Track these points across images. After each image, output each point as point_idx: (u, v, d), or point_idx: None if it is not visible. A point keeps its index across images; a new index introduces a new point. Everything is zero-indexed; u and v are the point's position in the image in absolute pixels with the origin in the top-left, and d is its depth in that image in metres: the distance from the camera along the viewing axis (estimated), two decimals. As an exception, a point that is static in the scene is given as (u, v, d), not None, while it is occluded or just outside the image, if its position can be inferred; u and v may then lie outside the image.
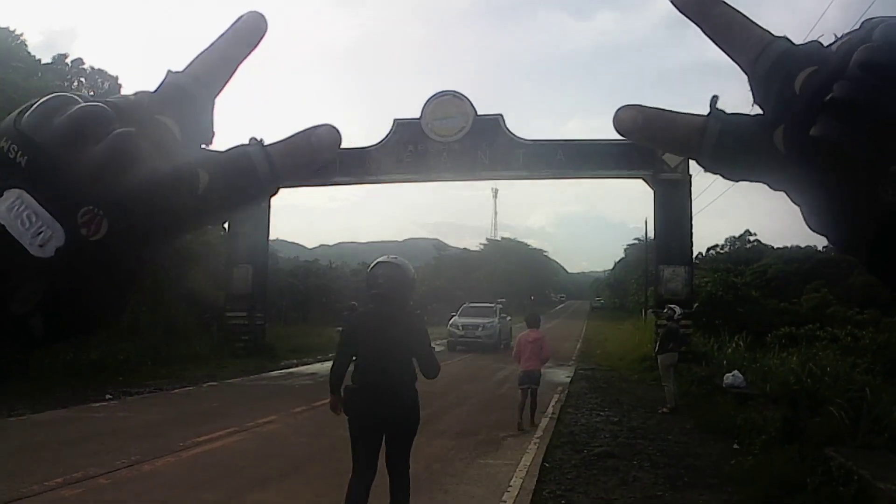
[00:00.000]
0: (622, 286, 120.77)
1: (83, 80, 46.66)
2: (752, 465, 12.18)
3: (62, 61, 46.59)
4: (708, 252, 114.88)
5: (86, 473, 11.27)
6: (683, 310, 21.66)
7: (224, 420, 16.93)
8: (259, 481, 11.55)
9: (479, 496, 10.75)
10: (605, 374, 30.47)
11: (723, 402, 18.98)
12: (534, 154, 34.03)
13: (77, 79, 46.46)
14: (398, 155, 35.16)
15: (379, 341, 8.04)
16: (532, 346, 18.35)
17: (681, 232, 32.10)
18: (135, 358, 26.27)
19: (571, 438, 15.82)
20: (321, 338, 46.47)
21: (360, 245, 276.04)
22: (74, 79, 46.28)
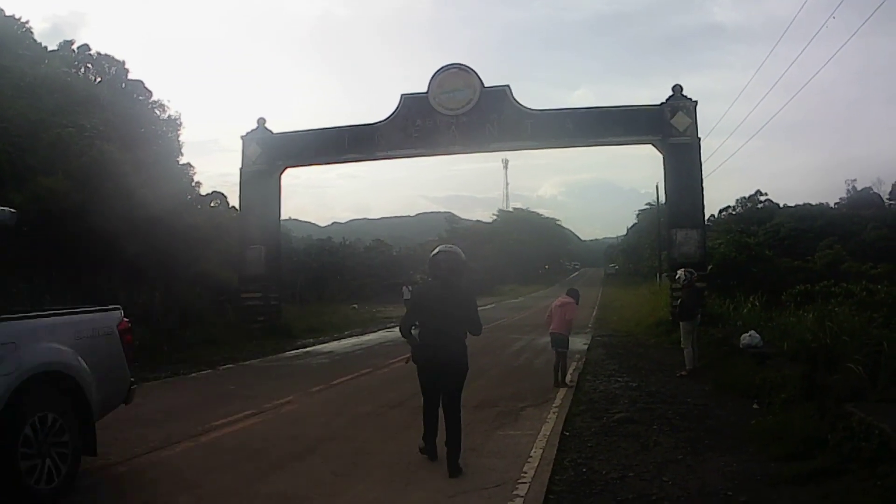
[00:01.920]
0: (636, 252, 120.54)
1: (90, 66, 46.66)
2: (773, 423, 12.13)
3: (68, 48, 46.61)
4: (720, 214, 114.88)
5: (105, 461, 11.23)
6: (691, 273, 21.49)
7: (242, 402, 16.92)
8: (278, 463, 11.53)
9: (499, 468, 10.70)
10: (621, 340, 30.55)
11: (740, 362, 18.96)
12: (542, 124, 34.01)
13: (84, 65, 46.46)
14: (406, 130, 35.19)
15: (437, 310, 11.02)
16: (560, 310, 19.19)
17: (692, 195, 32.11)
18: (150, 343, 26.07)
19: (591, 406, 15.81)
20: (337, 316, 46.60)
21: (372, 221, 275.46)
22: (81, 65, 46.30)
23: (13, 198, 25.27)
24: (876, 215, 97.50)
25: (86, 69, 46.27)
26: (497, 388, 17.82)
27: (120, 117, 36.50)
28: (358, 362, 25.46)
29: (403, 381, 20.26)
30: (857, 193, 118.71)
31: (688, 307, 20.76)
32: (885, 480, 8.33)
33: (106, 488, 10.00)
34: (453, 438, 10.82)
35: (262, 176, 36.74)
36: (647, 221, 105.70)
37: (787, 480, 9.47)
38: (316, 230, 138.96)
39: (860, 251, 77.21)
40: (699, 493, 9.24)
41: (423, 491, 9.74)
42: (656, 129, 32.51)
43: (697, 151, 32.37)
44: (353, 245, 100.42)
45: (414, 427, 13.62)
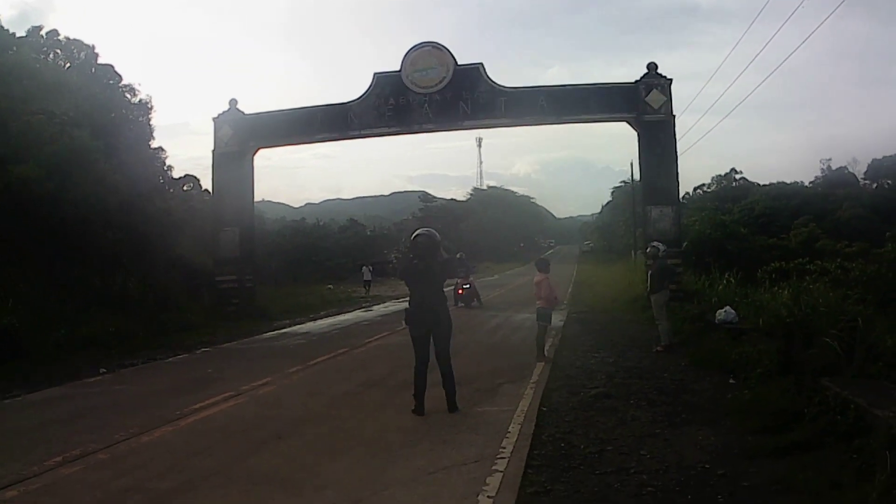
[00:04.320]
0: (611, 229, 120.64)
1: (59, 52, 46.29)
2: (749, 398, 12.22)
3: (37, 34, 46.15)
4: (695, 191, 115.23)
5: (84, 450, 11.22)
6: (669, 248, 21.69)
7: (220, 385, 16.96)
8: (258, 444, 11.55)
9: (478, 444, 10.75)
10: (598, 317, 30.66)
11: (716, 338, 19.07)
12: (516, 101, 34.01)
13: (53, 51, 46.09)
14: (379, 109, 35.14)
15: (421, 283, 13.39)
16: (537, 287, 19.45)
17: (666, 172, 32.25)
18: (127, 330, 26.11)
19: (568, 381, 15.85)
20: (312, 297, 46.69)
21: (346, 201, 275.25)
22: (50, 51, 45.91)
23: None
24: (851, 194, 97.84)
25: (55, 55, 45.85)
26: (474, 366, 17.84)
27: (90, 102, 36.24)
28: (334, 342, 25.50)
29: (380, 360, 20.40)
30: (832, 172, 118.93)
31: (656, 280, 20.85)
32: (861, 454, 8.40)
33: (86, 476, 9.99)
34: (449, 383, 13.26)
35: (234, 158, 36.63)
36: (622, 199, 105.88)
37: (764, 453, 9.54)
38: (290, 211, 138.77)
39: (835, 230, 77.47)
40: (677, 467, 9.31)
41: (404, 468, 9.77)
42: (631, 107, 32.59)
43: (672, 129, 32.53)
44: (327, 226, 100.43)
45: (392, 406, 13.83)
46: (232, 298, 35.76)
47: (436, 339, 13.33)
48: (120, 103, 42.95)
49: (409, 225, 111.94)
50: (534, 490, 8.71)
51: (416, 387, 13.19)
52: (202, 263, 38.99)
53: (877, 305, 19.10)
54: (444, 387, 13.22)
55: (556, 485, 8.88)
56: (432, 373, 13.28)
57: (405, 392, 13.72)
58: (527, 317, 26.72)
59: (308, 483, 9.30)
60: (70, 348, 22.79)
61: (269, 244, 66.05)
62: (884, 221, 73.48)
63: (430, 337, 13.35)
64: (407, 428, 12.29)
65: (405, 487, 8.98)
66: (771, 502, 7.92)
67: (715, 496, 8.19)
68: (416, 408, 13.08)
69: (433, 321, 13.30)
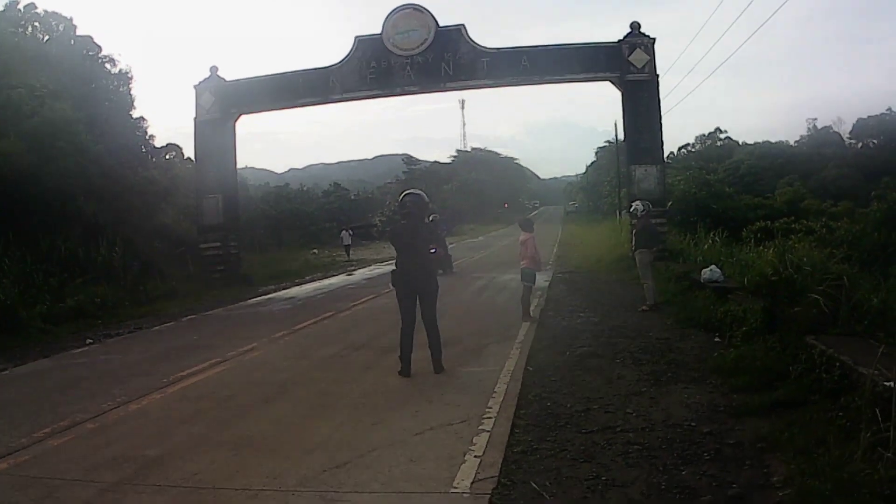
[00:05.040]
0: (595, 189, 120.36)
1: (38, 25, 45.88)
2: (735, 356, 12.19)
3: (14, 8, 45.66)
4: (679, 151, 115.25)
5: (73, 420, 11.25)
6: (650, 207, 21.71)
7: (206, 352, 16.95)
8: (245, 409, 11.62)
9: (464, 404, 10.77)
10: (583, 277, 30.68)
11: (702, 296, 19.07)
12: (498, 62, 34.07)
13: (31, 24, 45.68)
14: (361, 72, 35.17)
15: (409, 244, 13.42)
16: (521, 247, 19.66)
17: (650, 132, 32.39)
18: (112, 300, 26.25)
19: (553, 341, 15.90)
20: (297, 262, 46.78)
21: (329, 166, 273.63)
22: (28, 24, 45.51)
23: None
24: (836, 154, 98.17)
25: (33, 28, 45.39)
26: (460, 326, 17.85)
27: (70, 75, 36.14)
28: (320, 306, 25.53)
29: (366, 323, 20.43)
30: (818, 132, 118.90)
31: (641, 239, 20.85)
32: (846, 411, 8.41)
33: (76, 445, 10.00)
34: (435, 345, 13.33)
35: (216, 125, 36.52)
36: (606, 159, 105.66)
37: (750, 411, 9.56)
38: (273, 177, 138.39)
39: (820, 189, 77.69)
40: (663, 425, 9.33)
41: (390, 430, 9.81)
42: (614, 67, 32.59)
43: (656, 88, 32.58)
44: (310, 191, 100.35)
45: (378, 368, 13.87)
46: (216, 265, 35.83)
47: (422, 302, 13.33)
48: (100, 74, 42.73)
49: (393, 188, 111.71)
50: (521, 449, 8.73)
51: (402, 349, 13.22)
52: (186, 231, 39.07)
53: (862, 264, 19.15)
54: (431, 348, 13.26)
55: (542, 444, 8.90)
56: (418, 335, 13.32)
57: (391, 354, 13.80)
58: (511, 277, 26.77)
59: (295, 446, 9.34)
60: (56, 320, 22.83)
61: (253, 210, 65.96)
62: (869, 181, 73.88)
63: (417, 299, 13.36)
64: (393, 390, 12.33)
65: (392, 448, 9.01)
66: (756, 460, 7.94)
67: (701, 454, 8.21)
68: (402, 369, 13.13)
69: (421, 283, 13.34)
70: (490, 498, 7.30)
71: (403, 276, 13.42)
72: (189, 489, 8.06)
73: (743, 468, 7.73)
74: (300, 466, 8.55)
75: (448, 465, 8.27)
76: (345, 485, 7.88)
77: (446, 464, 8.33)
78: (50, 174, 26.94)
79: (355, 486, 7.81)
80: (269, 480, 8.14)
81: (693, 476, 7.57)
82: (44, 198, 27.00)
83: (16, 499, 8.11)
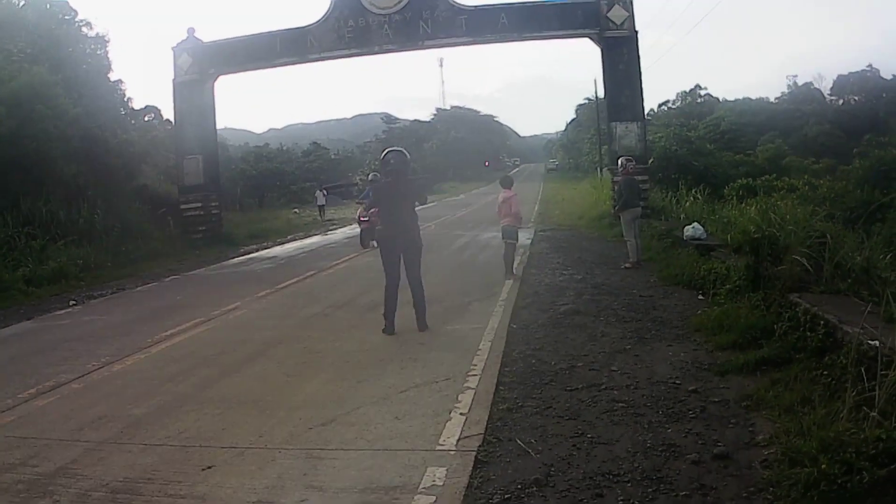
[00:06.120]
0: (576, 147, 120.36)
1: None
2: (719, 314, 12.18)
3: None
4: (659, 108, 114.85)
5: (58, 381, 11.29)
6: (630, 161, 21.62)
7: (189, 312, 16.97)
8: (230, 368, 11.67)
9: (448, 362, 10.81)
10: (565, 234, 30.72)
11: (685, 254, 19.11)
12: (477, 20, 33.84)
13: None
14: (339, 31, 34.85)
15: (393, 202, 13.51)
16: (503, 205, 19.59)
17: (631, 88, 32.37)
18: (94, 261, 26.23)
19: (537, 299, 15.92)
20: (278, 221, 46.85)
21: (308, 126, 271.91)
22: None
23: None
24: (817, 110, 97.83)
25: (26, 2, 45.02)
26: (443, 284, 17.88)
27: (47, 39, 35.73)
28: (302, 265, 25.60)
29: (348, 281, 20.47)
30: (798, 89, 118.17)
31: (626, 196, 20.77)
32: (831, 370, 8.42)
33: (61, 406, 10.03)
34: (419, 302, 13.41)
35: (194, 86, 36.35)
36: (586, 116, 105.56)
37: (735, 370, 9.58)
38: (253, 138, 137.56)
39: (802, 146, 77.49)
40: (648, 382, 9.35)
41: (375, 387, 9.86)
42: (593, 23, 32.41)
43: (635, 45, 32.49)
44: (290, 150, 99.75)
45: (361, 326, 13.92)
46: (198, 225, 35.80)
47: (407, 260, 13.42)
48: (77, 38, 42.28)
49: (372, 147, 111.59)
50: (506, 406, 8.76)
51: (386, 307, 13.29)
52: (167, 192, 39.03)
53: (845, 222, 19.15)
54: (415, 307, 13.36)
55: (527, 401, 8.93)
56: (402, 293, 13.35)
57: (375, 312, 13.88)
58: (493, 235, 26.72)
59: (281, 404, 9.40)
60: (39, 282, 22.86)
61: (234, 171, 65.79)
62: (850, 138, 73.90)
63: (401, 257, 13.42)
64: (377, 347, 12.38)
65: (377, 406, 9.07)
66: (742, 418, 7.97)
67: (686, 412, 8.23)
68: (386, 327, 13.20)
69: (405, 242, 13.39)
70: (476, 455, 7.32)
71: (388, 234, 13.51)
72: (175, 447, 8.09)
73: (728, 426, 7.76)
74: (286, 424, 8.59)
75: (434, 423, 8.30)
76: (331, 442, 7.94)
77: (432, 421, 8.36)
78: (29, 137, 26.82)
79: (341, 444, 7.86)
80: (256, 438, 8.17)
81: (678, 434, 7.60)
82: (23, 161, 26.92)
83: (1, 459, 8.11)
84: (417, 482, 6.74)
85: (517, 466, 7.06)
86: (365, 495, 6.56)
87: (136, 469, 7.53)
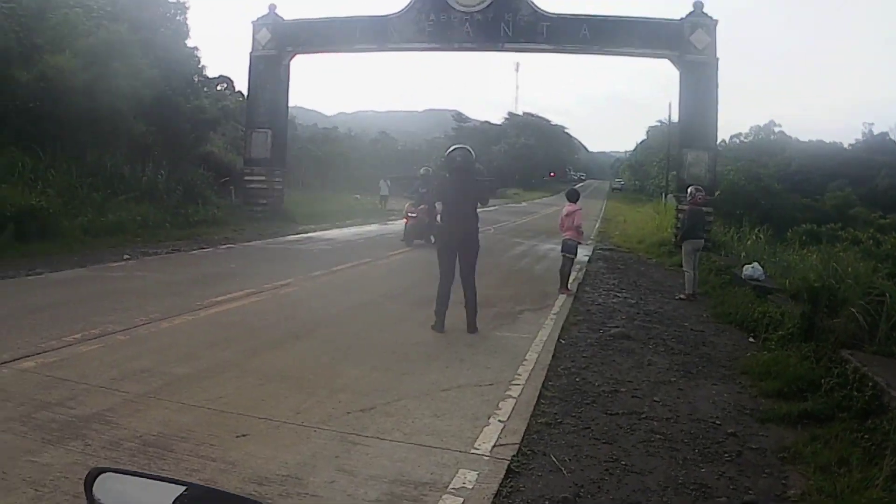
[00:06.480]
0: (643, 168, 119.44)
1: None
2: (767, 360, 12.04)
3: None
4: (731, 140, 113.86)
5: (104, 330, 11.46)
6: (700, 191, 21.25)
7: (241, 281, 17.22)
8: (275, 342, 11.79)
9: (494, 367, 10.82)
10: (623, 256, 30.50)
11: (740, 293, 18.83)
12: (558, 28, 33.66)
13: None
14: (420, 24, 34.81)
15: (456, 200, 13.37)
16: (566, 218, 19.42)
17: (705, 116, 32.04)
18: (153, 220, 26.71)
19: (588, 317, 15.86)
20: (339, 205, 46.81)
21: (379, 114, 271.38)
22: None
23: (20, 76, 25.54)
24: (890, 162, 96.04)
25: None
26: (497, 290, 17.89)
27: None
28: (358, 251, 25.74)
29: (403, 273, 20.55)
30: (873, 137, 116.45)
31: (690, 226, 20.58)
32: (873, 434, 8.32)
33: (104, 354, 10.20)
34: (471, 304, 13.26)
35: (271, 61, 36.55)
36: (657, 139, 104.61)
37: (776, 419, 9.46)
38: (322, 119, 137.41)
39: (871, 198, 76.58)
40: (688, 418, 9.29)
41: (418, 382, 9.90)
42: (674, 45, 32.14)
43: (715, 72, 32.11)
44: (358, 136, 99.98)
45: (411, 320, 13.93)
46: (259, 198, 36.05)
47: (462, 260, 13.30)
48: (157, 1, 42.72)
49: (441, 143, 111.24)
50: (545, 420, 8.75)
51: (437, 303, 13.22)
52: (231, 162, 39.58)
53: (906, 284, 18.94)
54: (466, 307, 13.21)
55: (566, 418, 8.92)
56: (454, 292, 13.37)
57: (426, 307, 13.81)
58: (551, 247, 26.64)
59: (322, 385, 9.49)
60: (96, 233, 23.30)
61: (300, 150, 65.90)
62: (923, 195, 72.82)
63: (458, 256, 13.31)
64: (425, 343, 12.43)
65: (418, 400, 9.09)
66: (776, 469, 7.90)
67: (722, 454, 8.17)
68: (435, 324, 13.16)
69: (463, 241, 13.28)
70: (509, 464, 7.32)
71: (447, 231, 13.51)
72: (212, 411, 8.19)
73: (762, 475, 7.69)
74: (325, 405, 8.67)
75: (471, 426, 8.31)
76: (367, 429, 7.98)
77: (470, 424, 8.38)
78: (102, 92, 27.14)
79: (377, 432, 7.90)
80: (293, 414, 8.26)
81: (711, 475, 7.55)
82: (94, 115, 27.29)
83: (39, 396, 8.29)
84: (447, 482, 6.76)
85: (548, 482, 7.06)
86: (394, 486, 6.60)
87: (171, 426, 7.64)
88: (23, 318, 12.18)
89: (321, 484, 6.53)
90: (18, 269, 17.46)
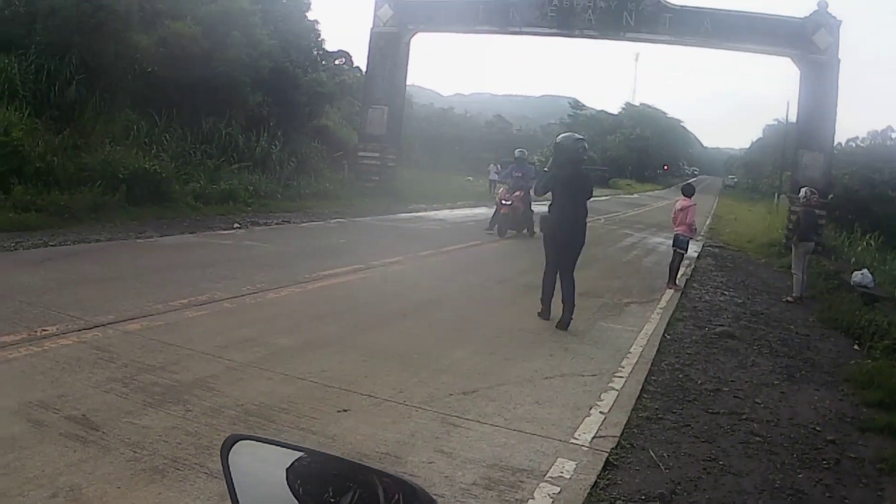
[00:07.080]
0: (757, 167, 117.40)
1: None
2: (872, 368, 11.90)
3: None
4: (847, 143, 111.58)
5: (211, 297, 11.74)
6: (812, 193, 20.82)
7: (349, 257, 17.41)
8: (380, 319, 11.93)
9: (598, 358, 10.85)
10: (732, 254, 30.14)
11: (848, 299, 18.62)
12: (680, 20, 33.25)
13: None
14: (542, 8, 34.47)
15: (568, 192, 12.81)
16: (679, 213, 19.14)
17: (824, 118, 31.43)
18: (265, 190, 27.03)
19: (694, 314, 15.80)
20: (451, 185, 46.79)
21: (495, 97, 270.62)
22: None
23: (140, 40, 25.93)
24: None
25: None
26: (604, 280, 17.91)
27: (248, -30, 36.67)
28: (468, 233, 25.84)
29: (512, 258, 20.58)
30: None
31: (803, 228, 20.30)
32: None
33: (210, 321, 10.50)
34: (569, 299, 12.68)
35: (391, 38, 36.64)
36: (773, 138, 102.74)
37: (877, 429, 9.35)
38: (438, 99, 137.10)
39: None
40: (788, 423, 9.23)
41: (522, 368, 9.93)
42: (795, 44, 31.56)
43: (836, 73, 31.43)
44: (473, 118, 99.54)
45: (519, 304, 13.99)
46: (372, 175, 36.16)
47: (568, 253, 13.00)
48: (277, -27, 43.10)
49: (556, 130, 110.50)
50: (646, 415, 8.77)
51: (544, 291, 13.12)
52: (346, 137, 39.76)
53: None
54: (563, 301, 12.78)
55: (667, 414, 8.93)
56: (558, 281, 13.33)
57: (533, 294, 13.80)
58: (661, 241, 26.59)
59: (426, 365, 9.59)
60: (207, 200, 23.65)
61: (415, 128, 65.77)
62: None
63: (565, 247, 13.01)
64: (531, 329, 12.44)
65: (521, 387, 9.14)
66: (873, 480, 7.83)
67: (820, 460, 8.12)
68: (542, 312, 13.09)
69: (571, 235, 12.94)
70: (608, 456, 7.36)
71: (556, 222, 13.02)
72: (315, 384, 8.34)
73: (858, 485, 7.63)
74: (427, 385, 8.79)
75: (572, 416, 8.36)
76: (468, 412, 8.06)
77: (571, 413, 8.42)
78: (221, 60, 27.53)
79: (478, 416, 7.98)
80: (395, 392, 8.38)
81: (808, 481, 7.51)
82: (212, 83, 27.65)
83: (143, 359, 8.54)
84: (545, 470, 6.82)
85: (645, 477, 7.09)
86: (492, 471, 6.67)
87: (272, 396, 7.82)
88: (130, 281, 12.56)
89: (419, 464, 6.63)
90: (128, 231, 17.90)
